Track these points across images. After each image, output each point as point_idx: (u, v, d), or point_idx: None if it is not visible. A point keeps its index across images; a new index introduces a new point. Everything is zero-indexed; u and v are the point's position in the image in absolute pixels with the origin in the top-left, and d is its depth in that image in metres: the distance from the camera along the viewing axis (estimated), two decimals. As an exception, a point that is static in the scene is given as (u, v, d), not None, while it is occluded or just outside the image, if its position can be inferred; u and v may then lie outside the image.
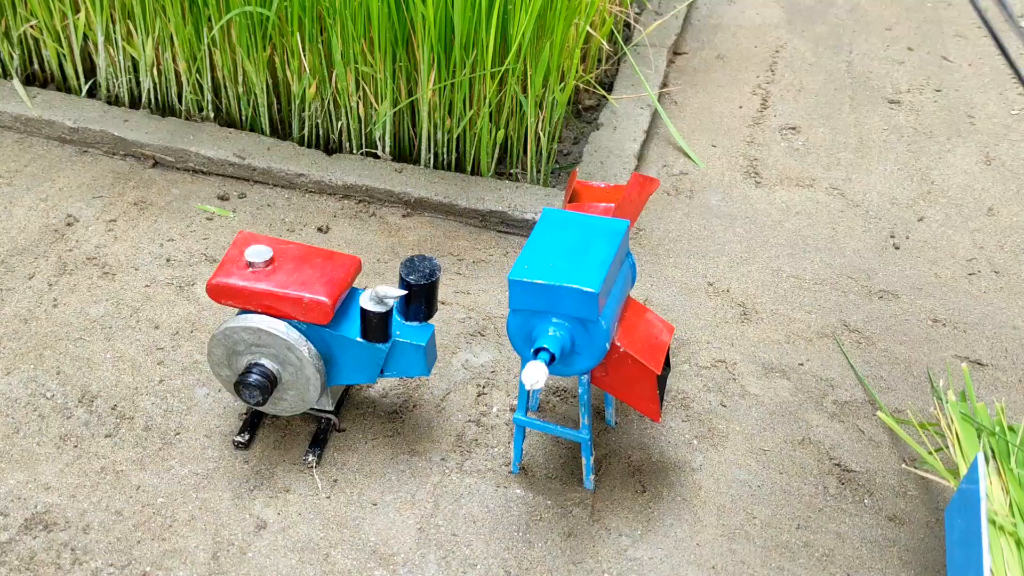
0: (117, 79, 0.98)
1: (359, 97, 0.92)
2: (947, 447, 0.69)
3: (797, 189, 0.96)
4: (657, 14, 1.20)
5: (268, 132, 0.96)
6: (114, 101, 0.99)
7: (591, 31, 1.02)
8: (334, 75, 0.93)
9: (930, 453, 0.69)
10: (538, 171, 0.93)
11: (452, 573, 0.61)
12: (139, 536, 0.62)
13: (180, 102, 0.97)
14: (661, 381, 0.61)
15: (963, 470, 0.61)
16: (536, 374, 0.55)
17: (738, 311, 0.81)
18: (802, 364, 0.80)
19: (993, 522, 0.54)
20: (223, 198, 0.89)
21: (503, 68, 0.86)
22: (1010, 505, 0.55)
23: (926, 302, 0.88)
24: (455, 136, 0.91)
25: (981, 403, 0.70)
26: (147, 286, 0.80)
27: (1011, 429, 0.65)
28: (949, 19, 1.28)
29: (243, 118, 0.95)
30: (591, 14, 0.92)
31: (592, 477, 0.66)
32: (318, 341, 0.61)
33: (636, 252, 0.87)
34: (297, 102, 0.92)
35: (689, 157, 0.99)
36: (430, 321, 0.63)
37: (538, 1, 0.81)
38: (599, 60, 1.10)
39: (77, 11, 0.96)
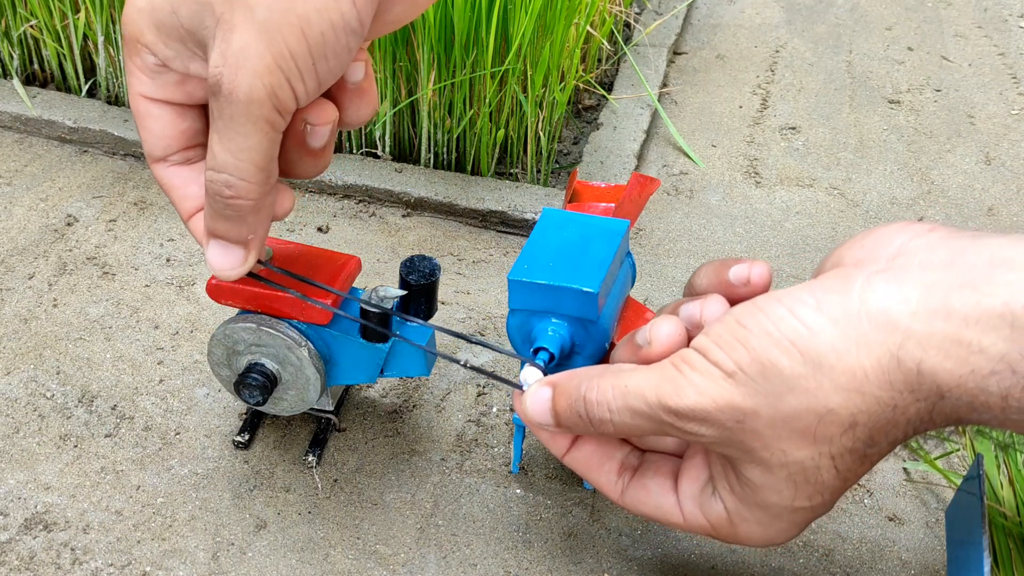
0: (117, 79, 0.98)
1: (359, 97, 0.92)
2: (960, 447, 0.69)
3: (797, 189, 0.96)
4: (657, 14, 1.20)
5: (268, 132, 0.95)
6: (114, 101, 0.99)
7: (591, 31, 1.02)
8: (334, 75, 0.93)
9: (932, 459, 0.69)
10: (538, 171, 0.93)
11: (452, 573, 0.61)
12: (139, 536, 0.62)
13: (180, 102, 0.97)
14: (661, 381, 0.61)
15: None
16: (535, 374, 0.55)
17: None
18: (802, 364, 0.80)
19: (1000, 523, 0.54)
20: (223, 198, 0.89)
21: (503, 68, 0.86)
22: (1018, 506, 0.55)
23: (926, 302, 0.88)
24: (455, 136, 0.91)
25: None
26: (147, 286, 0.80)
27: None
28: (949, 19, 1.28)
29: (243, 118, 0.95)
30: (591, 14, 0.92)
31: (592, 477, 0.66)
32: (318, 341, 0.61)
33: (636, 252, 0.87)
34: (297, 102, 0.92)
35: (689, 157, 0.99)
36: (430, 321, 0.63)
37: (538, 1, 0.81)
38: (599, 60, 1.10)
39: (77, 11, 0.96)
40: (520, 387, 0.53)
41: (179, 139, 0.49)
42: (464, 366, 0.54)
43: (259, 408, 0.63)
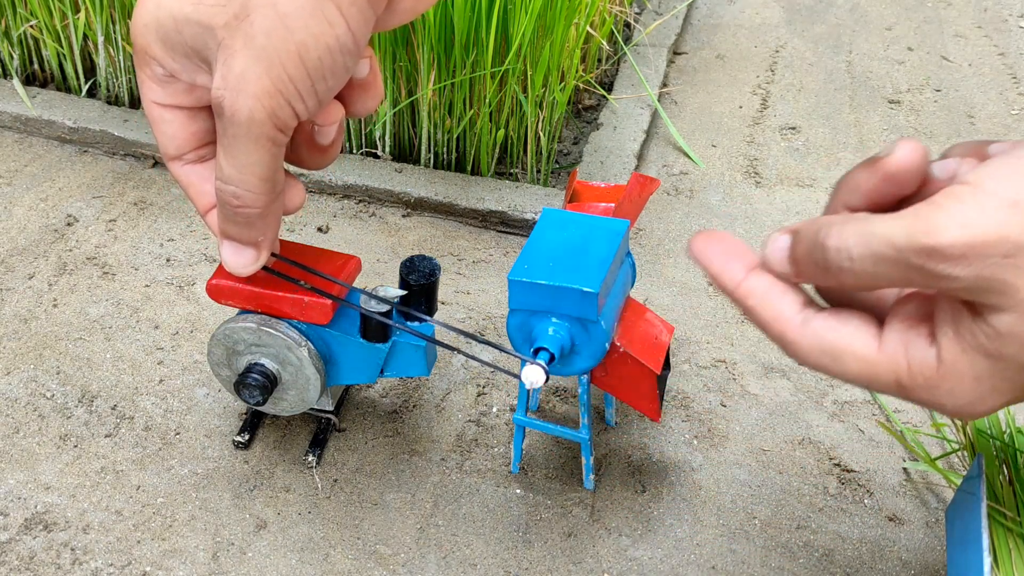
0: (117, 79, 0.98)
1: (359, 97, 0.92)
2: (960, 447, 0.69)
3: (797, 189, 0.96)
4: (657, 14, 1.20)
5: (268, 132, 0.95)
6: (114, 101, 0.99)
7: (591, 31, 1.02)
8: (334, 75, 0.93)
9: (932, 459, 0.69)
10: (538, 171, 0.93)
11: (452, 573, 0.61)
12: (139, 536, 0.62)
13: (180, 102, 0.97)
14: (661, 381, 0.61)
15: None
16: (535, 374, 0.55)
17: (738, 311, 0.81)
18: (802, 364, 0.80)
19: (1000, 523, 0.54)
20: (223, 198, 0.89)
21: (503, 68, 0.86)
22: (1018, 506, 0.55)
23: (926, 302, 0.88)
24: (455, 136, 0.91)
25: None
26: (147, 286, 0.80)
27: (1019, 431, 0.65)
28: (949, 19, 1.28)
29: (243, 118, 0.95)
30: (591, 14, 0.92)
31: (592, 477, 0.66)
32: (318, 341, 0.61)
33: (636, 252, 0.87)
34: (297, 102, 0.92)
35: (689, 157, 0.99)
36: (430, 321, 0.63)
37: (538, 1, 0.81)
38: (599, 60, 1.10)
39: (77, 11, 0.96)
40: (519, 372, 0.53)
41: (191, 140, 0.52)
42: (464, 354, 0.54)
43: (259, 408, 0.63)
